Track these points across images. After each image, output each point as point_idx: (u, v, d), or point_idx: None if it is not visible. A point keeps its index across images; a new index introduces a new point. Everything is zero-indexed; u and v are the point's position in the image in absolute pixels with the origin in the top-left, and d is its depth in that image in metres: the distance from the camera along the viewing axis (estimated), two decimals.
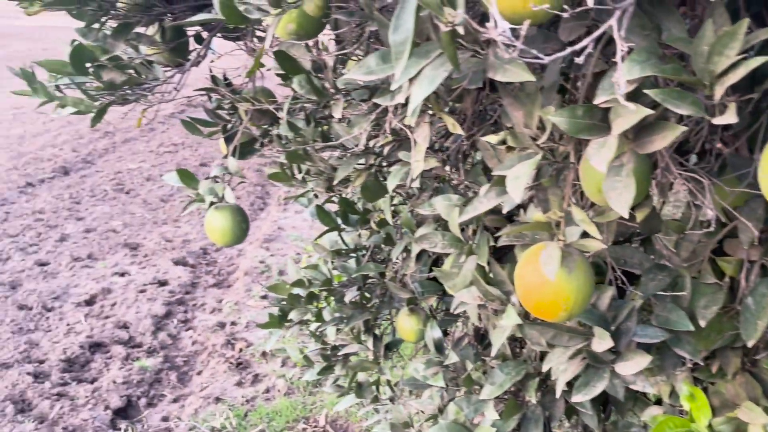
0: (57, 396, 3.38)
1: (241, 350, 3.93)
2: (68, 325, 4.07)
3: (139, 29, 1.51)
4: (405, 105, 1.05)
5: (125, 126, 9.96)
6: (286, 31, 1.05)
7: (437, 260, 1.81)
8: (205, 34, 1.65)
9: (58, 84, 1.46)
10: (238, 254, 5.44)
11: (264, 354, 3.89)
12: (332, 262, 1.87)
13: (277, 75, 1.73)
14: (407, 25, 0.78)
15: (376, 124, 1.30)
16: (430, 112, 1.06)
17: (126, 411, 3.38)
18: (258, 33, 1.82)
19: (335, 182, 1.43)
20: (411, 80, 0.85)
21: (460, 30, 0.73)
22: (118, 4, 1.39)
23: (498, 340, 1.12)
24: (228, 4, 1.08)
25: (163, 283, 4.70)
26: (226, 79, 1.75)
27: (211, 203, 1.66)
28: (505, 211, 0.95)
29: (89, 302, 4.40)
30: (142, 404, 3.43)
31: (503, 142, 0.92)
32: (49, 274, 4.79)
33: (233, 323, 4.25)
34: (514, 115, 0.90)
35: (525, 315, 1.15)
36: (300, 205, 2.26)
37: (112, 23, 1.42)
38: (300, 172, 1.55)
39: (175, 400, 3.52)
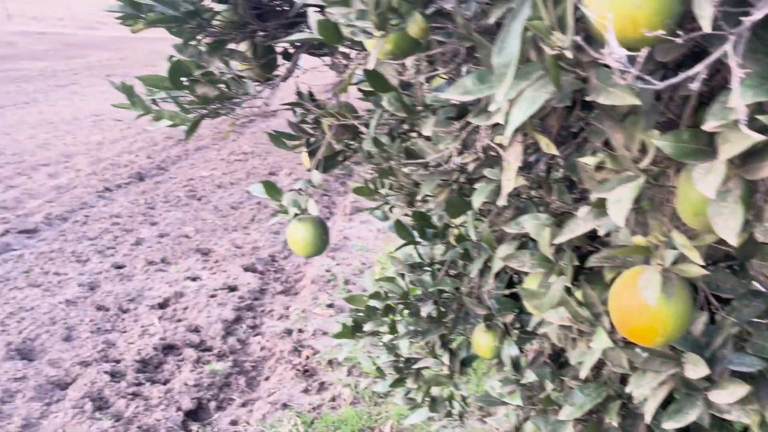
0: (132, 395, 3.49)
1: (308, 357, 3.98)
2: (142, 327, 4.21)
3: (231, 45, 1.57)
4: (497, 123, 1.06)
5: (197, 134, 10.25)
6: (382, 51, 1.07)
7: (511, 277, 1.80)
8: (292, 50, 1.70)
9: (155, 98, 1.53)
10: (305, 263, 5.52)
11: (330, 362, 3.93)
12: (409, 276, 1.88)
13: (360, 90, 1.76)
14: (512, 49, 0.79)
15: (462, 141, 1.31)
16: (523, 130, 1.06)
17: (197, 413, 3.47)
18: (342, 49, 1.86)
19: (418, 197, 1.45)
20: (510, 101, 0.85)
21: (569, 54, 0.73)
22: (214, 22, 1.44)
23: (588, 362, 1.11)
24: (326, 25, 1.11)
25: (232, 289, 4.82)
26: (310, 93, 1.80)
27: (295, 215, 1.70)
28: (601, 233, 0.94)
29: (162, 305, 4.54)
30: (212, 407, 3.52)
31: (601, 163, 0.91)
32: (125, 277, 4.97)
33: (300, 330, 4.31)
34: (615, 138, 0.89)
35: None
36: (375, 217, 2.28)
37: (208, 40, 1.48)
38: (383, 186, 1.57)
39: (243, 405, 3.59)
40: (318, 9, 1.50)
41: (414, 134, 1.73)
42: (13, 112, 11.98)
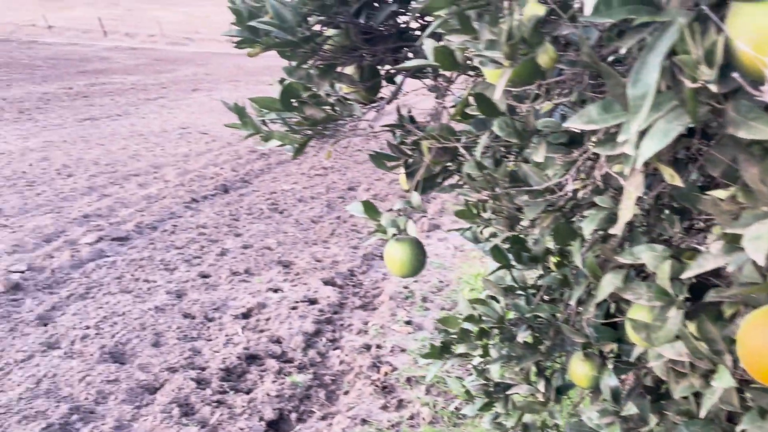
0: (217, 403, 3.59)
1: (386, 374, 3.99)
2: (227, 335, 4.33)
3: (339, 69, 1.61)
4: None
5: (279, 149, 10.50)
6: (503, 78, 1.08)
7: (609, 305, 1.76)
8: (394, 72, 1.73)
9: (264, 119, 1.58)
10: (383, 278, 5.55)
11: (409, 380, 3.93)
12: (503, 300, 1.86)
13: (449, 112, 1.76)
14: (648, 81, 0.78)
15: (571, 167, 1.29)
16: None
17: (278, 424, 3.53)
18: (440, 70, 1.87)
19: (524, 223, 1.44)
20: (641, 132, 0.84)
21: (713, 88, 0.72)
22: (325, 46, 1.48)
23: (708, 401, 1.07)
24: (443, 51, 1.13)
25: (313, 302, 4.89)
26: (410, 115, 1.82)
27: (393, 235, 1.72)
28: (729, 270, 0.91)
29: (246, 315, 4.66)
30: (293, 419, 3.57)
31: (733, 197, 0.88)
32: (211, 286, 5.12)
33: (378, 346, 4.33)
34: (749, 172, 0.86)
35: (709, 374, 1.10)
36: (465, 238, 2.27)
37: (319, 63, 1.52)
38: (485, 210, 1.56)
39: (323, 418, 3.63)
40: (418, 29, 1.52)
41: (510, 155, 1.72)
42: (107, 123, 12.59)
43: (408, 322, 4.68)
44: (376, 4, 1.51)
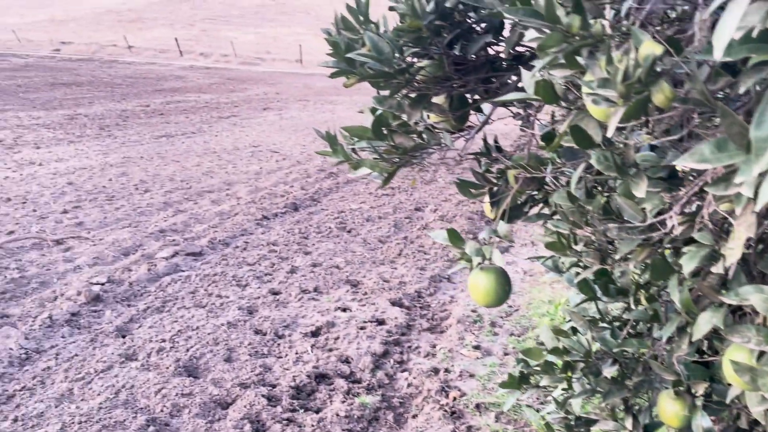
0: (287, 421, 3.62)
1: (455, 399, 3.95)
2: (297, 353, 4.38)
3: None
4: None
5: (346, 168, 10.64)
6: (606, 114, 1.06)
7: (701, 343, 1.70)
8: (485, 106, 1.73)
9: (355, 147, 1.61)
10: (451, 300, 5.52)
11: (478, 406, 3.88)
12: (589, 333, 1.82)
13: (543, 140, 1.75)
14: None
15: (674, 203, 1.26)
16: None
17: None
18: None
19: (617, 257, 1.41)
20: (762, 174, 0.82)
21: None
22: (418, 77, 1.50)
23: None
24: (545, 86, 1.12)
25: (381, 323, 4.90)
26: (496, 143, 1.81)
27: (478, 263, 1.71)
28: None
29: (315, 333, 4.70)
30: None
31: None
32: (281, 303, 5.20)
33: (446, 370, 4.30)
34: None
35: None
36: (546, 267, 2.24)
37: (411, 93, 1.54)
38: (576, 243, 1.54)
39: None
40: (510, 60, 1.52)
41: (600, 186, 1.69)
42: (182, 141, 13.01)
43: (476, 347, 4.63)
44: (468, 35, 1.52)
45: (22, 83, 23.31)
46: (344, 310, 5.13)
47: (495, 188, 1.82)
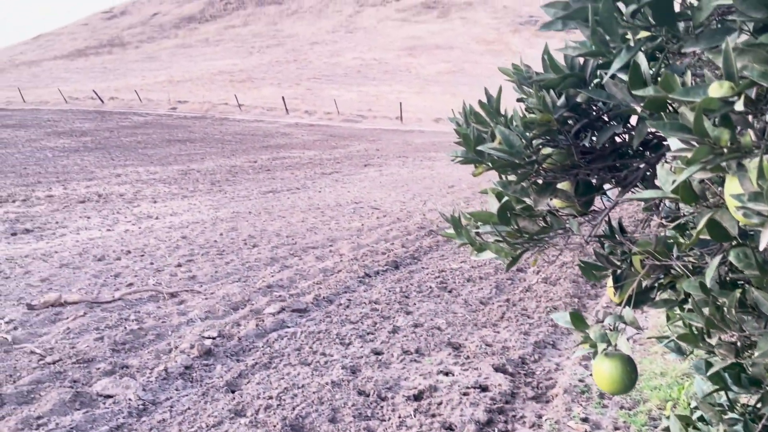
0: None
1: None
2: (400, 417, 4.37)
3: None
4: None
5: (446, 225, 10.69)
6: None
7: None
8: (607, 187, 1.73)
9: (479, 231, 1.64)
10: (556, 368, 5.36)
11: None
12: (721, 425, 1.74)
13: (662, 225, 1.72)
14: None
15: None
16: None
17: None
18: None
19: (756, 354, 1.36)
20: None
21: None
22: (544, 165, 1.52)
23: None
24: (684, 186, 1.12)
25: (484, 389, 4.82)
26: (621, 226, 1.80)
27: (602, 349, 1.68)
28: None
29: (417, 397, 4.68)
30: None
31: None
32: (383, 364, 5.23)
33: None
34: None
35: None
36: (668, 349, 2.17)
37: (536, 179, 1.57)
38: (709, 336, 1.49)
39: None
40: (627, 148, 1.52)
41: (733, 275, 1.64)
42: (287, 196, 13.49)
43: (584, 419, 4.46)
44: (595, 123, 1.54)
45: (142, 140, 25.02)
46: (446, 374, 5.09)
47: (619, 271, 1.80)
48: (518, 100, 1.51)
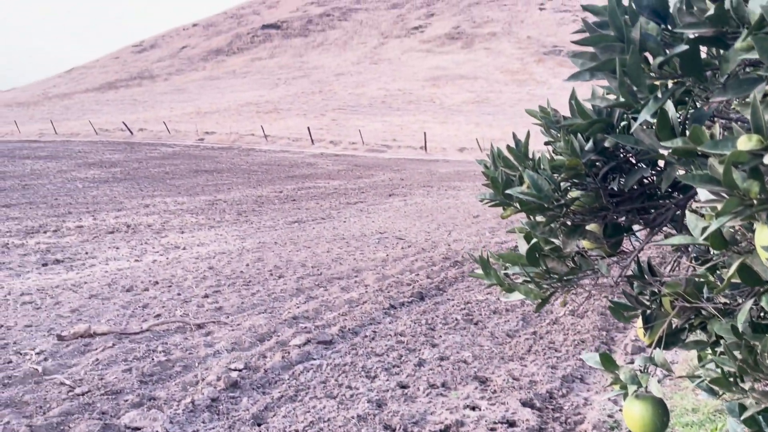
0: None
1: None
2: None
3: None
4: None
5: (472, 256, 10.66)
6: None
7: None
8: (637, 228, 1.74)
9: (508, 272, 1.65)
10: (585, 403, 5.28)
11: None
12: None
13: (693, 268, 1.71)
14: None
15: None
16: None
17: None
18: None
19: None
20: None
21: None
22: (573, 207, 1.54)
23: None
24: (715, 234, 1.13)
25: (511, 424, 4.77)
26: (650, 266, 1.80)
27: (633, 392, 1.67)
28: None
29: None
30: None
31: None
32: (409, 398, 5.19)
33: None
34: None
35: None
36: (699, 388, 2.14)
37: (564, 221, 1.58)
38: (743, 381, 1.48)
39: None
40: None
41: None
42: (313, 226, 13.57)
43: None
44: (623, 166, 1.55)
45: (170, 170, 25.41)
46: (473, 408, 5.04)
47: (648, 311, 1.80)
48: (546, 143, 1.53)
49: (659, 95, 1.04)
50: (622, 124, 1.45)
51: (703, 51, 1.15)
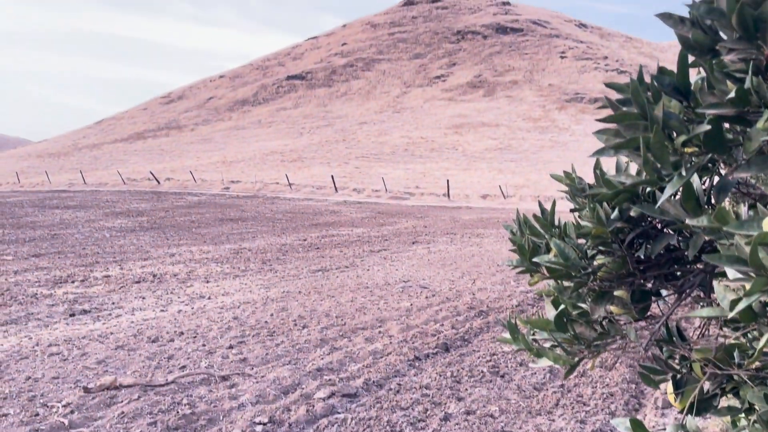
0: None
1: None
2: None
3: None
4: None
5: (497, 306, 10.58)
6: None
7: None
8: (665, 292, 1.74)
9: (536, 337, 1.66)
10: None
11: None
12: None
13: (722, 330, 1.70)
14: None
15: None
16: None
17: None
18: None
19: None
20: None
21: None
22: (599, 273, 1.54)
23: None
24: (746, 311, 1.13)
25: None
26: (679, 330, 1.79)
27: None
28: None
29: None
30: None
31: None
32: None
33: None
34: None
35: None
36: None
37: (592, 287, 1.58)
38: None
39: None
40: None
41: None
42: (336, 275, 13.59)
43: None
44: (649, 232, 1.56)
45: (195, 219, 25.74)
46: None
47: (678, 376, 1.78)
48: (572, 211, 1.55)
49: (683, 173, 1.06)
50: (647, 190, 1.47)
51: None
